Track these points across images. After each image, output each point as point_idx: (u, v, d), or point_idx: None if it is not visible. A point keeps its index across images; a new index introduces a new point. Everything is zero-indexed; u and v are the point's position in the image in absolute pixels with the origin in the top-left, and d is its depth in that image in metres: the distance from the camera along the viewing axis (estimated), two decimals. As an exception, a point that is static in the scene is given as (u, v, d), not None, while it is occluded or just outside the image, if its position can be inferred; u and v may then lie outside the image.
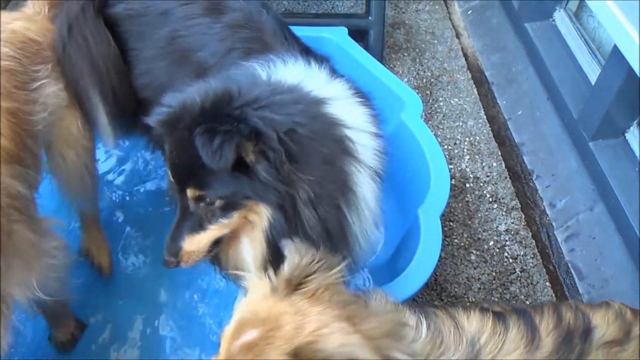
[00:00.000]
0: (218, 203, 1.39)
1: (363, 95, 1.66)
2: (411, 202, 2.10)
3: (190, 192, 1.38)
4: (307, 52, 1.77)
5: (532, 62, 2.97)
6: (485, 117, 2.93)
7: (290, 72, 1.54)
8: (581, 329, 1.23)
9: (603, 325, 1.26)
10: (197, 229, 1.44)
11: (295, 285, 1.04)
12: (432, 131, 2.77)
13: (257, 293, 1.04)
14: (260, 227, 1.43)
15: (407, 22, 3.49)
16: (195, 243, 1.46)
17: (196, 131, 1.27)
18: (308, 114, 1.40)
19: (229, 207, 1.41)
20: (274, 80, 1.49)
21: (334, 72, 1.67)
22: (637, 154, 2.27)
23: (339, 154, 1.44)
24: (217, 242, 1.50)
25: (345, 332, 0.96)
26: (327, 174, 1.41)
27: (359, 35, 2.91)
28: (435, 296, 2.15)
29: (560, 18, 2.95)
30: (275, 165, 1.33)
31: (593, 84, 2.51)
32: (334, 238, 1.48)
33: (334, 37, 2.48)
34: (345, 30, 2.51)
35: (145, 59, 1.91)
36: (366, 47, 2.94)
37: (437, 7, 3.63)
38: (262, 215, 1.41)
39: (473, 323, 1.17)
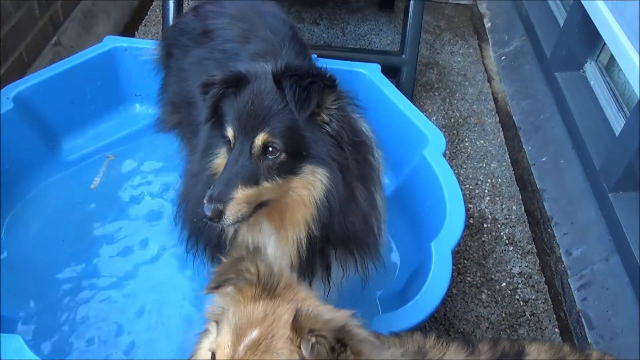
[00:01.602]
0: (282, 157, 1.42)
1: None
2: (426, 235, 2.16)
3: (261, 138, 1.41)
4: None
5: (560, 111, 3.02)
6: (509, 160, 2.97)
7: None
8: (514, 354, 1.30)
9: (535, 353, 1.32)
10: (251, 182, 1.41)
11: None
12: (455, 170, 2.85)
13: (240, 301, 1.10)
14: (315, 193, 1.47)
15: (440, 62, 3.58)
16: (247, 195, 1.40)
17: (285, 79, 1.40)
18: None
19: (288, 167, 1.44)
20: None
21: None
22: (656, 209, 2.29)
23: (364, 149, 1.59)
24: (259, 206, 1.47)
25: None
26: (361, 157, 1.54)
27: (392, 72, 3.02)
28: (443, 331, 2.19)
29: (591, 70, 3.00)
30: (343, 127, 1.45)
31: (617, 136, 2.55)
32: (369, 225, 1.58)
33: (367, 73, 2.60)
34: (378, 67, 2.61)
35: (182, 69, 2.11)
36: (398, 84, 3.04)
37: (471, 50, 3.72)
38: (317, 182, 1.46)
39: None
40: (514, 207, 2.71)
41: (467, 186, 2.78)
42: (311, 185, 1.47)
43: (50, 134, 2.53)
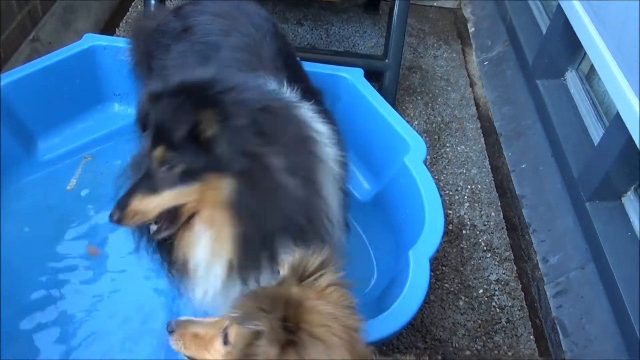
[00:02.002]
0: (179, 167, 1.44)
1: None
2: (404, 243, 2.16)
3: (157, 152, 1.44)
4: (298, 82, 1.86)
5: (541, 118, 3.04)
6: (489, 166, 2.99)
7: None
8: None
9: None
10: (151, 191, 1.46)
11: (300, 277, 1.11)
12: (435, 176, 2.86)
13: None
14: (223, 204, 1.47)
15: (423, 66, 3.59)
16: (145, 204, 1.46)
17: (159, 99, 1.43)
18: (279, 103, 1.54)
19: (188, 175, 1.45)
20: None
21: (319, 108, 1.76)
22: (632, 219, 2.32)
23: (306, 143, 1.56)
24: (173, 218, 1.52)
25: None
26: (298, 150, 1.52)
27: (375, 76, 3.01)
28: (419, 337, 2.19)
29: (571, 78, 3.03)
30: (239, 138, 1.42)
31: (596, 146, 2.57)
32: (313, 212, 1.55)
33: (350, 77, 2.59)
34: (361, 71, 2.61)
35: (164, 67, 2.08)
36: (380, 88, 3.04)
37: (454, 54, 3.73)
38: (223, 189, 1.46)
39: None
40: (492, 214, 2.73)
41: (447, 192, 2.79)
42: (217, 188, 1.48)
43: (25, 133, 2.48)
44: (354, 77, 2.59)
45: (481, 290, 2.39)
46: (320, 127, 1.66)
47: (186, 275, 1.65)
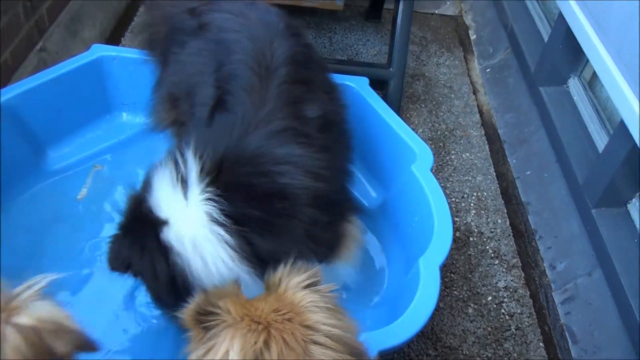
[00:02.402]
0: None
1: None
2: (414, 251, 2.18)
3: None
4: (310, 84, 1.96)
5: (544, 125, 3.07)
6: (494, 173, 3.01)
7: (156, 186, 1.71)
8: None
9: None
10: None
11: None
12: (441, 183, 2.87)
13: None
14: None
15: (427, 74, 3.62)
16: None
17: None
18: (150, 254, 1.69)
19: None
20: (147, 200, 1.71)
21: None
22: (637, 226, 2.34)
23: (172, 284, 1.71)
24: None
25: None
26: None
27: (379, 84, 3.04)
28: (430, 345, 2.21)
29: (574, 85, 3.05)
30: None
31: (600, 152, 2.60)
32: None
33: (356, 86, 2.61)
34: (367, 80, 2.63)
35: (179, 61, 2.13)
36: (385, 96, 3.07)
37: (457, 62, 3.76)
38: None
39: None
40: (499, 221, 2.75)
41: (454, 199, 2.81)
42: None
43: (36, 143, 2.49)
44: (359, 85, 2.61)
45: (490, 298, 2.41)
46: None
47: None
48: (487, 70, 3.74)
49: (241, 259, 1.64)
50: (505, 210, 2.82)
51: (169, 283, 1.67)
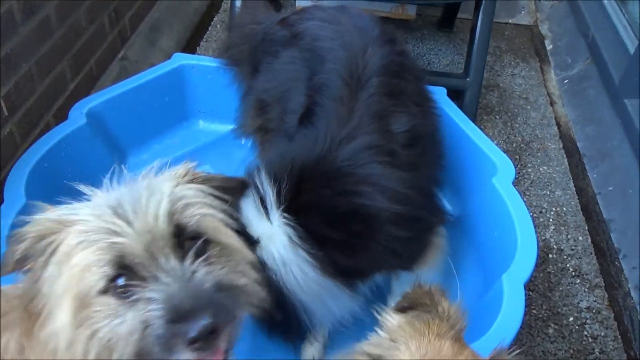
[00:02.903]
0: None
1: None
2: (493, 266, 2.11)
3: None
4: (402, 96, 1.92)
5: (629, 139, 2.92)
6: (574, 188, 2.89)
7: (245, 208, 1.69)
8: None
9: None
10: None
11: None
12: (519, 197, 2.78)
13: (425, 335, 1.08)
14: None
15: (501, 85, 3.52)
16: None
17: None
18: None
19: None
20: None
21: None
22: None
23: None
24: None
25: None
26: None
27: (454, 94, 2.97)
28: (508, 365, 2.12)
29: (663, 98, 2.90)
30: None
31: (694, 169, 2.45)
32: None
33: (435, 96, 2.56)
34: (445, 90, 2.58)
35: (272, 69, 2.15)
36: (460, 107, 2.99)
37: (533, 73, 3.65)
38: None
39: None
40: (580, 238, 2.63)
41: (531, 214, 2.69)
42: None
43: (118, 149, 2.57)
44: (437, 96, 2.56)
45: (571, 318, 2.30)
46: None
47: None
48: (565, 81, 3.61)
49: (325, 275, 1.66)
50: (586, 227, 2.70)
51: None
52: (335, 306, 1.75)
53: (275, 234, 1.65)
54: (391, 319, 1.11)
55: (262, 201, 1.67)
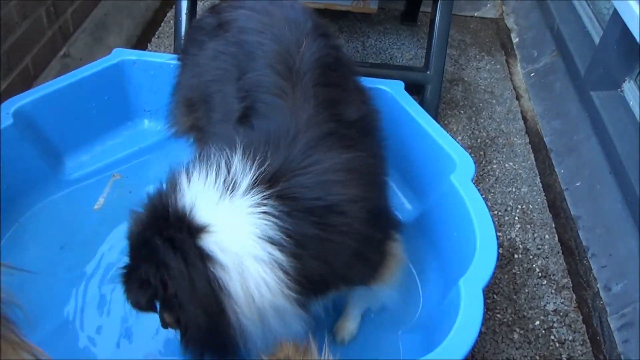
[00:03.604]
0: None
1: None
2: (453, 268, 1.97)
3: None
4: (342, 93, 1.78)
5: (596, 132, 2.82)
6: (540, 184, 2.78)
7: (192, 188, 1.48)
8: None
9: None
10: None
11: None
12: (482, 194, 2.63)
13: None
14: None
15: (466, 79, 3.40)
16: None
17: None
18: (185, 257, 1.41)
19: None
20: (170, 205, 1.47)
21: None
22: None
23: (209, 300, 1.43)
24: None
25: None
26: (199, 316, 1.44)
27: (415, 88, 2.85)
28: (470, 374, 1.99)
29: (630, 89, 2.80)
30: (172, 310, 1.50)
31: (662, 162, 2.35)
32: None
33: (390, 90, 2.43)
34: (402, 84, 2.45)
35: (197, 64, 2.00)
36: (422, 102, 2.87)
37: (498, 66, 3.54)
38: None
39: None
40: (546, 236, 2.51)
41: (496, 212, 2.59)
42: None
43: (52, 151, 2.38)
44: (394, 90, 2.43)
45: (537, 322, 2.18)
46: (241, 241, 1.44)
47: None
48: (532, 74, 3.51)
49: (289, 284, 1.43)
50: (554, 225, 2.59)
51: (206, 301, 1.41)
52: (279, 328, 1.51)
53: (239, 223, 1.40)
54: None
55: (230, 184, 1.43)
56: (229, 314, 1.42)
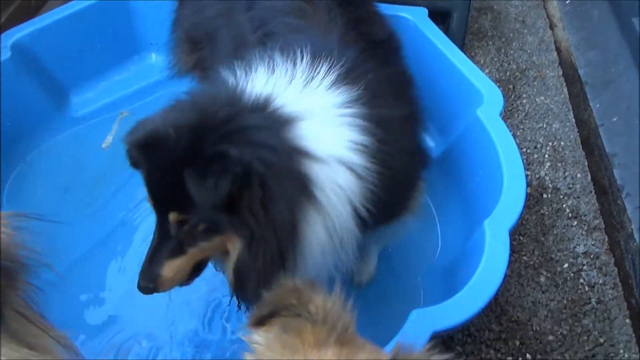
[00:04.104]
0: (201, 227, 1.29)
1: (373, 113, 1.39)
2: (477, 209, 1.86)
3: (172, 216, 1.28)
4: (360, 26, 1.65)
5: (636, 63, 2.61)
6: (573, 120, 2.60)
7: (262, 80, 1.37)
8: None
9: None
10: (177, 253, 1.34)
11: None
12: (511, 131, 2.49)
13: (299, 349, 0.81)
14: (233, 255, 1.34)
15: (495, 7, 3.17)
16: (175, 268, 1.35)
17: (187, 172, 1.19)
18: (274, 145, 1.26)
19: (211, 231, 1.30)
20: (244, 92, 1.34)
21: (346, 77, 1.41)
22: None
23: (296, 197, 1.29)
24: (198, 267, 1.42)
25: None
26: (281, 218, 1.29)
27: (440, 17, 2.65)
28: (494, 319, 1.91)
29: (677, 14, 2.57)
30: (251, 205, 1.25)
31: None
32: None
33: (412, 18, 2.25)
34: (426, 11, 2.26)
35: None
36: (446, 31, 2.67)
37: (531, -7, 3.29)
38: (234, 246, 1.33)
39: None
40: (578, 175, 2.36)
41: (525, 150, 2.44)
42: (232, 243, 1.34)
43: (56, 87, 2.30)
44: (416, 17, 2.25)
45: (566, 265, 2.07)
46: (331, 137, 1.34)
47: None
48: (567, 1, 3.25)
49: (366, 200, 1.37)
50: (586, 163, 2.43)
51: (292, 196, 1.29)
52: (337, 251, 1.42)
53: (329, 121, 1.32)
54: (257, 337, 0.83)
55: (308, 76, 1.36)
56: (307, 217, 1.33)
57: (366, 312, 1.77)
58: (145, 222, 2.06)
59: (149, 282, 1.35)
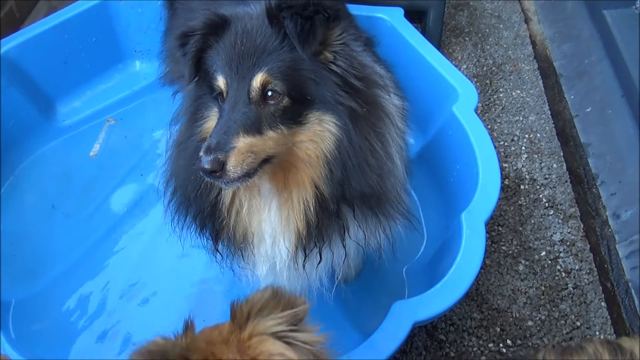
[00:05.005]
0: (285, 101, 1.24)
1: None
2: (456, 203, 1.93)
3: (259, 79, 1.23)
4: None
5: (609, 54, 2.69)
6: (549, 112, 2.68)
7: None
8: None
9: None
10: (253, 130, 1.21)
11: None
12: (488, 125, 2.57)
13: None
14: (320, 153, 1.28)
15: (471, 3, 3.24)
16: (251, 145, 1.20)
17: (284, 11, 1.22)
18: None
19: (293, 115, 1.25)
20: None
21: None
22: None
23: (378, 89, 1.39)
24: (261, 164, 1.27)
25: None
26: (373, 100, 1.34)
27: (416, 15, 2.71)
28: (475, 307, 1.98)
29: (646, 6, 2.64)
30: (351, 65, 1.28)
31: (677, 83, 2.23)
32: (389, 170, 1.38)
33: (389, 18, 2.31)
34: (402, 10, 2.33)
35: (190, 9, 1.91)
36: (424, 29, 2.74)
37: (506, -12, 3.35)
38: (325, 132, 1.27)
39: None
40: (554, 165, 2.44)
41: (502, 143, 2.51)
42: (319, 137, 1.28)
43: (42, 97, 2.33)
44: (393, 17, 2.32)
45: (543, 253, 2.14)
46: (379, 69, 1.51)
47: (245, 249, 1.44)
48: (541, -5, 3.32)
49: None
50: (562, 153, 2.51)
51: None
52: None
53: None
54: None
55: None
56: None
57: (352, 305, 1.86)
58: (135, 228, 2.11)
59: (220, 152, 1.17)
